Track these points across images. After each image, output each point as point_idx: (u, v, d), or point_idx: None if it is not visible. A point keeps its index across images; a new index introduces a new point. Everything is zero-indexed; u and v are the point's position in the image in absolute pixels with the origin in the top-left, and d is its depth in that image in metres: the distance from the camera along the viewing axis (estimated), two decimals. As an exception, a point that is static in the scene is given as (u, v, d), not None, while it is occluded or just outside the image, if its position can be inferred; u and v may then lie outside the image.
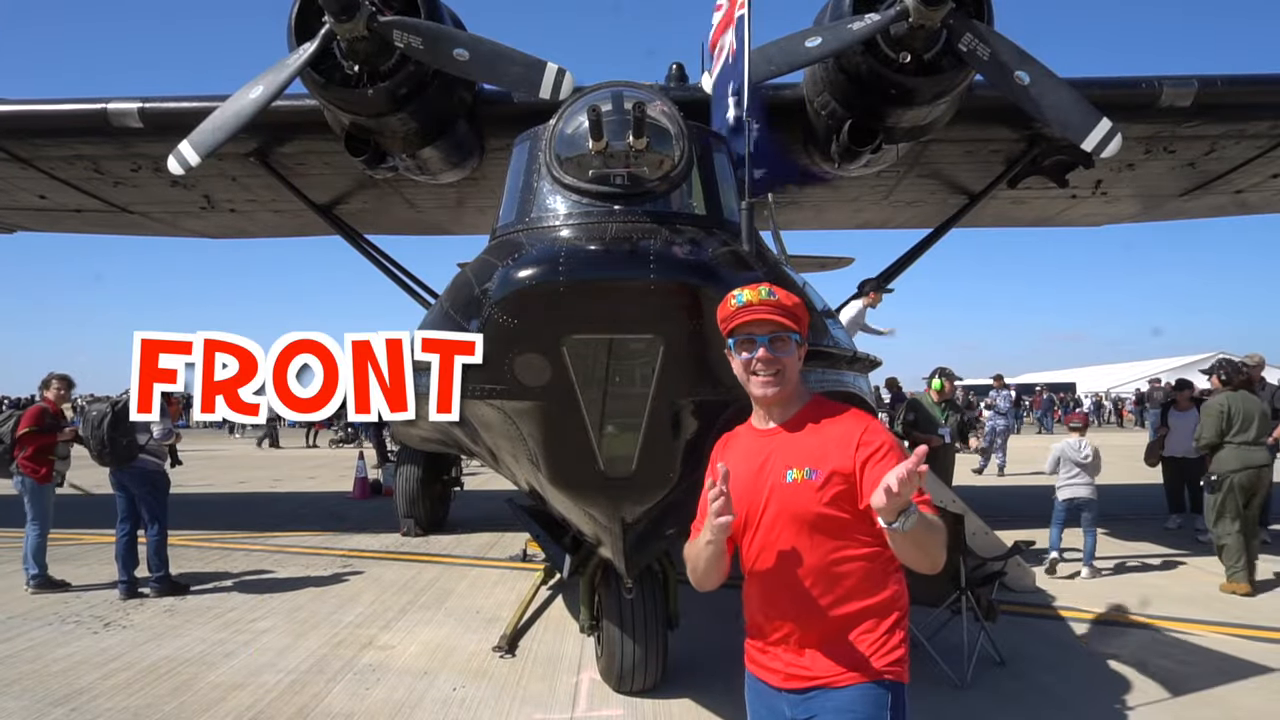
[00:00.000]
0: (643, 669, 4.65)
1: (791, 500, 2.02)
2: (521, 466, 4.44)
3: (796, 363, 2.13)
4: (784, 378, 2.09)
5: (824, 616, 1.99)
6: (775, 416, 2.14)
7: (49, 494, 7.37)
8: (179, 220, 10.86)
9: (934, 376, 9.24)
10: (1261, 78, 7.49)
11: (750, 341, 2.09)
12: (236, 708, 4.57)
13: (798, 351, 2.12)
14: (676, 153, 4.04)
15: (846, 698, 1.96)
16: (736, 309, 2.10)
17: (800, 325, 2.12)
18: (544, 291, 3.33)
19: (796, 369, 2.13)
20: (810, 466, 2.01)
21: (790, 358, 2.10)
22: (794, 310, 2.11)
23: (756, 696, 2.15)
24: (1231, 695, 4.66)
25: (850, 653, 1.98)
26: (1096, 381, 49.99)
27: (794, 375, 2.12)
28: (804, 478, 2.00)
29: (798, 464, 2.03)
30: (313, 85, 6.04)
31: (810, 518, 1.99)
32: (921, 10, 5.30)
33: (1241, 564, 6.90)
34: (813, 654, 2.01)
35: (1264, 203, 10.30)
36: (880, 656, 1.98)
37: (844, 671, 1.97)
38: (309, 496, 14.04)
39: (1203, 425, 7.11)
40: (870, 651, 1.98)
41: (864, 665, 1.97)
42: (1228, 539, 6.94)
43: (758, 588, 2.10)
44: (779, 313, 2.08)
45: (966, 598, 5.06)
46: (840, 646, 1.99)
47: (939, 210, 10.11)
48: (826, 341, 4.89)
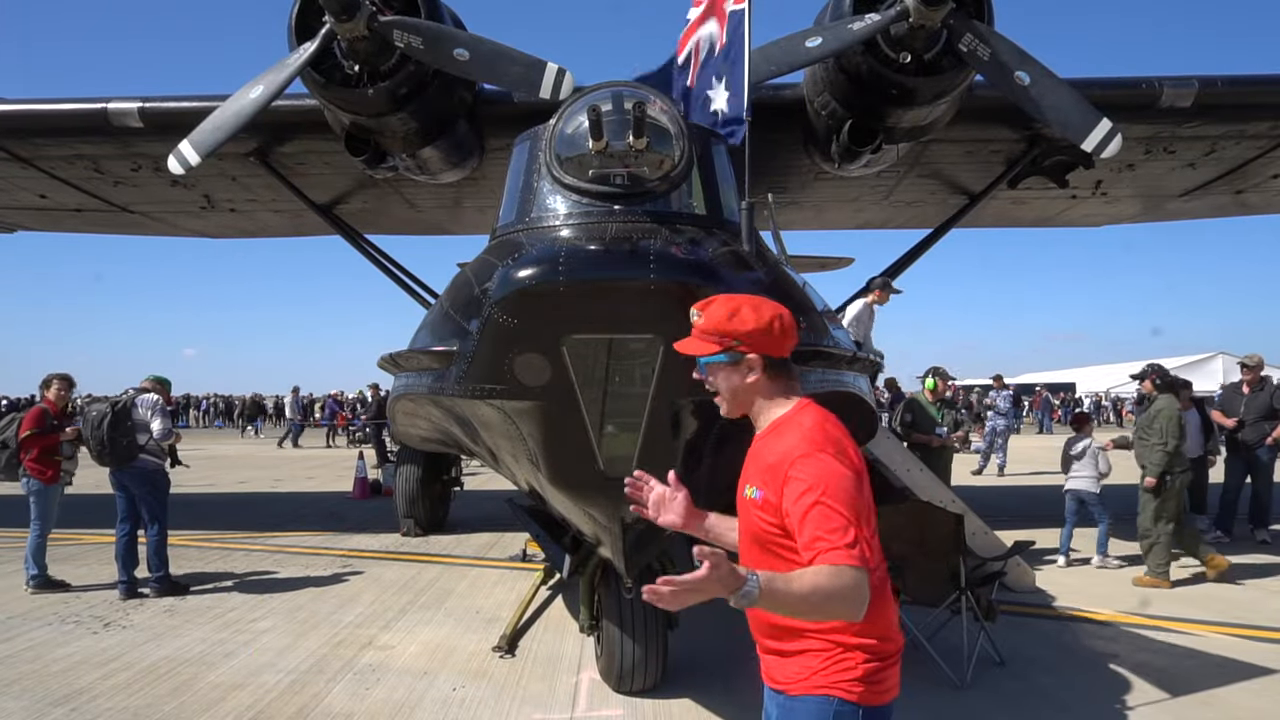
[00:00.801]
0: (643, 669, 4.65)
1: (745, 515, 2.05)
2: (521, 466, 4.44)
3: (743, 374, 2.04)
4: (724, 399, 2.08)
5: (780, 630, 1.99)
6: (757, 425, 2.12)
7: (55, 495, 7.38)
8: (179, 220, 10.87)
9: (928, 376, 9.24)
10: (1261, 78, 7.49)
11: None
12: (236, 708, 4.57)
13: (746, 363, 2.03)
14: (676, 153, 4.05)
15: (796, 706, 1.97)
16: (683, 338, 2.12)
17: (727, 340, 2.02)
18: (544, 291, 3.33)
19: (743, 381, 2.04)
20: (758, 486, 1.99)
21: (721, 375, 2.06)
22: (715, 330, 2.03)
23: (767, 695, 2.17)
24: (1231, 695, 4.66)
25: (800, 664, 1.97)
26: (1096, 381, 49.91)
27: (740, 393, 2.06)
28: (753, 495, 2.00)
29: (752, 480, 2.03)
30: (313, 85, 6.04)
31: (757, 533, 2.00)
32: (922, 10, 5.30)
33: (1166, 560, 7.19)
34: (771, 660, 2.05)
35: (1264, 203, 10.30)
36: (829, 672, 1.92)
37: (795, 681, 1.97)
38: (309, 496, 14.04)
39: (1168, 430, 7.30)
40: (820, 665, 1.94)
41: (813, 677, 1.94)
42: (1163, 537, 7.18)
43: None
44: (699, 336, 2.06)
45: (966, 598, 5.06)
46: (791, 657, 1.99)
47: (939, 210, 10.11)
48: (826, 341, 4.89)
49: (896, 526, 5.26)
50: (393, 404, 5.73)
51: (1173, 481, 7.21)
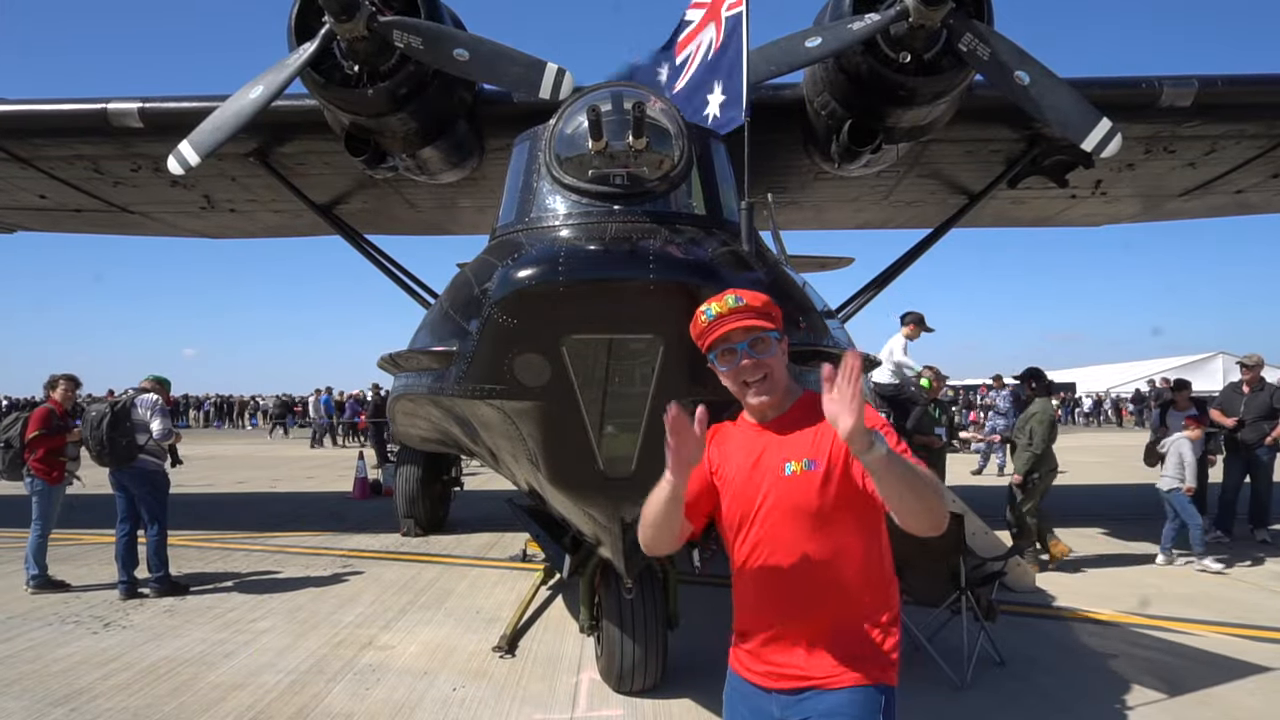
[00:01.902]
0: (643, 669, 4.65)
1: (790, 493, 2.01)
2: (521, 466, 4.44)
3: (781, 359, 2.11)
4: (772, 380, 2.08)
5: (820, 614, 1.98)
6: (769, 415, 2.12)
7: (58, 495, 7.40)
8: (179, 220, 10.86)
9: (923, 376, 9.26)
10: (1261, 78, 7.48)
11: (731, 351, 2.07)
12: (236, 708, 4.57)
13: (779, 348, 2.10)
14: (676, 153, 4.05)
15: (839, 700, 1.93)
16: (708, 323, 2.09)
17: (775, 321, 2.10)
18: (544, 291, 3.33)
19: (782, 366, 2.11)
20: (809, 458, 2.00)
21: (773, 357, 2.08)
22: (765, 309, 2.09)
23: (741, 699, 2.11)
24: (1231, 695, 4.66)
25: (845, 653, 1.96)
26: (1096, 381, 49.94)
27: (781, 374, 2.11)
28: (803, 469, 1.99)
29: (795, 456, 2.01)
30: (313, 85, 6.04)
31: (811, 509, 1.98)
32: (921, 10, 5.30)
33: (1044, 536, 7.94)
34: (807, 653, 1.98)
35: (1264, 203, 10.29)
36: (876, 659, 1.96)
37: (838, 673, 1.95)
38: (309, 496, 14.04)
39: (1037, 434, 7.80)
40: (866, 653, 1.96)
41: (859, 666, 1.95)
42: (1032, 521, 7.86)
43: (752, 585, 2.07)
44: (751, 316, 2.06)
45: (966, 598, 5.06)
46: (836, 646, 1.96)
47: (939, 210, 10.10)
48: (826, 341, 4.89)
49: (896, 526, 5.26)
50: (393, 404, 5.73)
51: (1040, 481, 7.88)
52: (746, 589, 2.09)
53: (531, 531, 5.97)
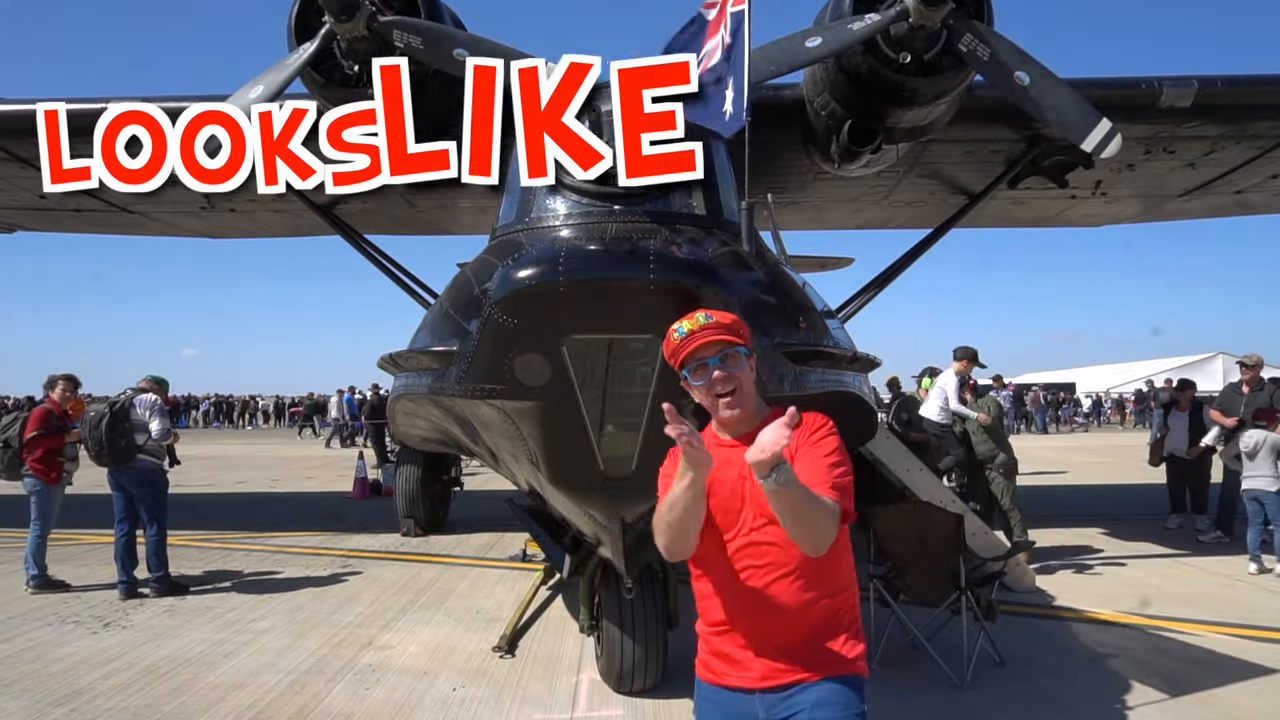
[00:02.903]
0: (643, 669, 4.64)
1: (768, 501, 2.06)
2: (521, 466, 4.44)
3: (750, 375, 2.19)
4: (742, 394, 2.15)
5: (802, 613, 2.07)
6: (741, 430, 2.17)
7: (57, 495, 7.39)
8: (179, 220, 10.86)
9: (923, 375, 9.26)
10: (1261, 78, 7.48)
11: (704, 366, 2.13)
12: (236, 708, 4.57)
13: (749, 363, 2.18)
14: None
15: (827, 690, 2.06)
16: (680, 341, 2.15)
17: (744, 339, 2.17)
18: (544, 291, 3.34)
19: (750, 382, 2.19)
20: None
21: (742, 371, 2.15)
22: (734, 326, 2.17)
23: (715, 708, 2.16)
24: (1231, 696, 4.66)
25: (827, 647, 2.09)
26: (1096, 381, 49.96)
27: (750, 389, 2.18)
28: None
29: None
30: (313, 85, 6.04)
31: None
32: (921, 10, 5.30)
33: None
34: (795, 651, 2.08)
35: (1264, 203, 10.29)
36: (851, 650, 2.10)
37: (822, 665, 2.07)
38: (309, 496, 14.04)
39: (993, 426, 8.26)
40: (843, 645, 2.10)
41: (839, 658, 2.09)
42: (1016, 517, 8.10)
43: (737, 593, 2.11)
44: (720, 331, 2.13)
45: (966, 598, 5.06)
46: (819, 641, 2.09)
47: (939, 210, 10.11)
48: (826, 341, 4.89)
49: (896, 526, 5.26)
50: (393, 404, 5.73)
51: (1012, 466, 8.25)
52: (729, 598, 2.13)
53: (531, 531, 5.97)
